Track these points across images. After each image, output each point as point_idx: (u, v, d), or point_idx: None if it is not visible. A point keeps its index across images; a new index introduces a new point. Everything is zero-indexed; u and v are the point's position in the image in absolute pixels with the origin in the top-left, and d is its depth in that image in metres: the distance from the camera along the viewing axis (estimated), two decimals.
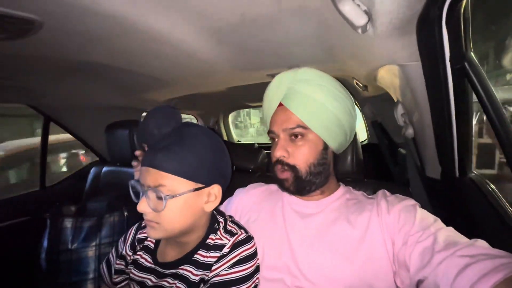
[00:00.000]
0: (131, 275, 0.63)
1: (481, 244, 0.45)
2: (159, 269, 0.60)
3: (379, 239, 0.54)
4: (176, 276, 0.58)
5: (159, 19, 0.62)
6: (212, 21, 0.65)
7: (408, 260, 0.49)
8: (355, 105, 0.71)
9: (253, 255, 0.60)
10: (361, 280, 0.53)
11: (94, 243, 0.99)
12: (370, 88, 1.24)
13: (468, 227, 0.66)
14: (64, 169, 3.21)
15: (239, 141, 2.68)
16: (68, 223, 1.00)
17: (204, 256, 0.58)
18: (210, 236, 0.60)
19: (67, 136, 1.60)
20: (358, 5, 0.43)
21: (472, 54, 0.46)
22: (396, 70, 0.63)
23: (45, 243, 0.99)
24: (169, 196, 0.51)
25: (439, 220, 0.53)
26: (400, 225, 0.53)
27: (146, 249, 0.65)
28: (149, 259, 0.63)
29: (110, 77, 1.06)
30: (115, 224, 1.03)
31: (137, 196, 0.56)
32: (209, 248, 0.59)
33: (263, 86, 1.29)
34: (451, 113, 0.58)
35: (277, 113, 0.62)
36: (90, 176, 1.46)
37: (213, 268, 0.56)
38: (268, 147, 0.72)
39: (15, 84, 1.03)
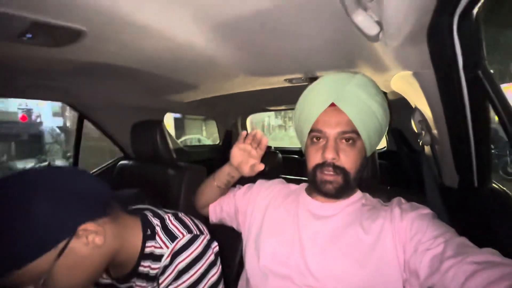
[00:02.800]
0: None
1: (491, 252, 0.44)
2: (116, 284, 0.59)
3: (391, 246, 0.54)
4: None
5: (184, 28, 0.67)
6: (233, 30, 0.69)
7: (418, 268, 0.49)
8: None
9: (201, 254, 0.56)
10: (370, 285, 0.53)
11: None
12: (389, 95, 1.22)
13: (486, 239, 0.64)
14: None
15: None
16: None
17: (147, 267, 0.56)
18: (148, 244, 0.56)
19: None
20: (370, 16, 0.45)
21: (485, 62, 0.46)
22: (410, 77, 0.64)
23: None
24: (41, 282, 0.44)
25: (452, 230, 0.52)
26: (413, 233, 0.52)
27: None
28: (104, 275, 0.60)
29: (139, 80, 1.15)
30: None
31: None
32: (150, 257, 0.56)
33: (281, 90, 1.34)
34: (467, 121, 0.57)
35: (328, 113, 0.59)
36: (116, 170, 1.57)
37: (160, 281, 0.54)
38: (283, 151, 0.74)
39: (56, 84, 1.15)
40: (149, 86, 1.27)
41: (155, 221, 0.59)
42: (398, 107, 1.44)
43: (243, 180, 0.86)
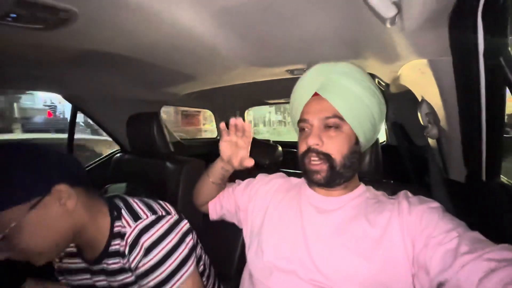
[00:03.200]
0: (69, 282, 0.64)
1: (509, 249, 0.43)
2: (89, 267, 0.62)
3: (399, 239, 0.53)
4: (105, 271, 0.60)
5: (183, 13, 0.64)
6: (234, 16, 0.66)
7: (428, 263, 0.48)
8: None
9: (167, 232, 0.59)
10: (377, 280, 0.52)
11: None
12: (392, 87, 1.20)
13: (495, 235, 0.63)
14: None
15: (254, 137, 2.69)
16: None
17: (117, 245, 0.59)
18: (116, 224, 0.59)
19: None
20: None
21: (509, 49, 0.43)
22: (423, 66, 0.61)
23: None
24: (6, 233, 0.47)
25: (463, 224, 0.51)
26: (422, 227, 0.51)
27: (71, 254, 0.65)
28: (78, 261, 0.63)
29: (135, 70, 1.11)
30: None
31: None
32: (118, 236, 0.59)
33: (281, 82, 1.31)
34: (481, 113, 0.55)
35: (311, 103, 0.61)
36: (112, 164, 1.53)
37: (131, 259, 0.57)
38: (283, 145, 0.72)
39: (47, 74, 1.10)
40: (146, 77, 1.22)
41: (121, 204, 0.63)
42: (400, 101, 1.43)
43: (244, 175, 0.84)
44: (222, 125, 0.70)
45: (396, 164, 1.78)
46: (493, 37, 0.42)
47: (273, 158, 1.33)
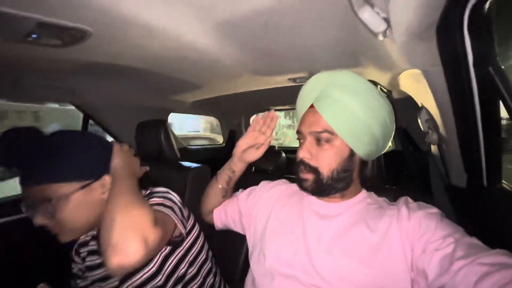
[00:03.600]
0: (90, 278, 0.67)
1: (503, 253, 0.43)
2: None
3: (398, 245, 0.53)
4: None
5: (188, 27, 0.67)
6: (237, 29, 0.69)
7: (426, 268, 0.48)
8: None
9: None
10: (377, 285, 0.52)
11: None
12: (395, 94, 1.21)
13: (496, 240, 0.63)
14: None
15: None
16: None
17: None
18: None
19: None
20: (377, 13, 0.44)
21: (497, 58, 0.45)
22: (418, 75, 0.63)
23: None
24: (54, 202, 0.53)
25: (461, 229, 0.51)
26: (421, 233, 0.51)
27: (92, 252, 0.68)
28: (96, 257, 0.67)
29: (143, 80, 1.15)
30: None
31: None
32: None
33: (284, 90, 1.33)
34: (477, 119, 0.56)
35: (307, 115, 0.62)
36: None
37: None
38: (287, 151, 0.74)
39: (62, 85, 1.16)
40: (154, 86, 1.27)
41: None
42: (403, 106, 1.43)
43: (246, 183, 0.86)
44: (258, 118, 0.75)
45: (402, 169, 1.76)
46: (480, 47, 0.43)
47: (277, 164, 1.35)
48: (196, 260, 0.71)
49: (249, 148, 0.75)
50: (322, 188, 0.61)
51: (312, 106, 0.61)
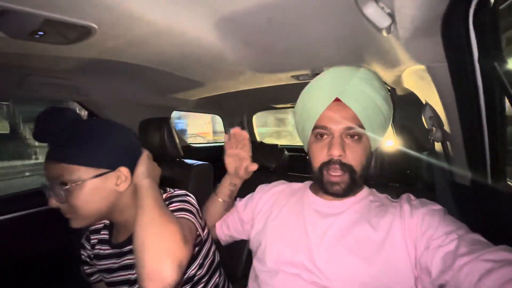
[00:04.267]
0: (97, 266, 0.70)
1: (507, 249, 0.43)
2: (118, 251, 0.66)
3: (401, 243, 0.53)
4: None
5: (191, 24, 0.67)
6: (240, 25, 0.69)
7: (430, 265, 0.48)
8: None
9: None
10: (380, 282, 0.52)
11: None
12: (398, 91, 1.20)
13: (500, 238, 0.62)
14: None
15: (261, 141, 2.71)
16: None
17: None
18: None
19: None
20: (382, 8, 0.44)
21: (503, 54, 0.45)
22: (422, 72, 0.62)
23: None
24: (69, 186, 0.54)
25: (464, 226, 0.51)
26: (423, 230, 0.52)
27: (102, 241, 0.71)
28: (106, 247, 0.69)
29: (147, 77, 1.16)
30: None
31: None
32: None
33: (288, 87, 1.33)
34: (481, 116, 0.55)
35: (332, 109, 0.58)
36: None
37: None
38: (289, 149, 0.74)
39: (67, 83, 1.17)
40: (157, 83, 1.28)
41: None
42: (406, 104, 1.42)
43: (248, 180, 0.86)
44: (225, 136, 0.74)
45: (404, 167, 1.75)
46: (486, 42, 0.43)
47: (280, 162, 1.35)
48: (205, 262, 0.71)
49: (239, 162, 0.75)
50: (353, 187, 0.59)
51: (336, 100, 0.58)
